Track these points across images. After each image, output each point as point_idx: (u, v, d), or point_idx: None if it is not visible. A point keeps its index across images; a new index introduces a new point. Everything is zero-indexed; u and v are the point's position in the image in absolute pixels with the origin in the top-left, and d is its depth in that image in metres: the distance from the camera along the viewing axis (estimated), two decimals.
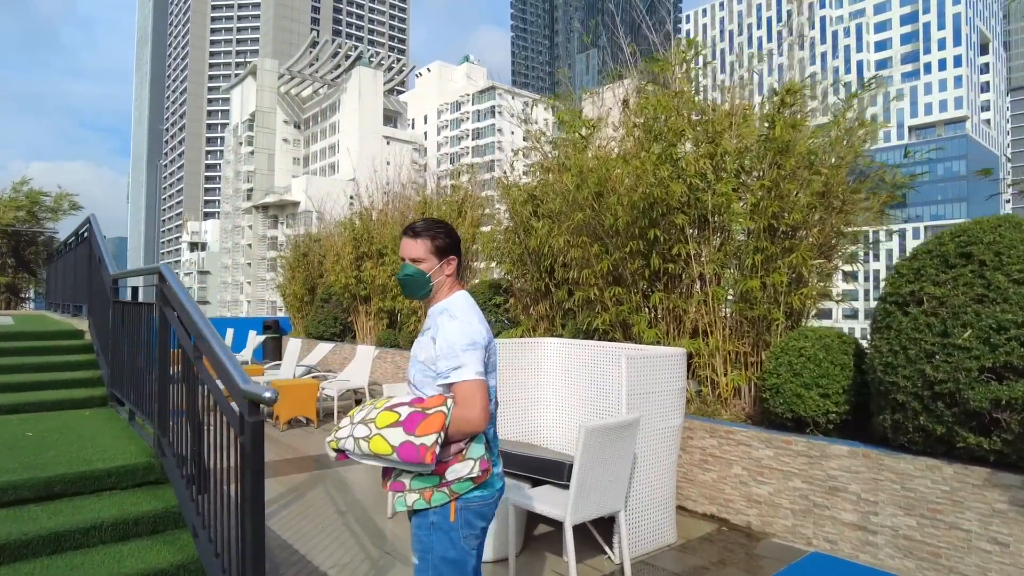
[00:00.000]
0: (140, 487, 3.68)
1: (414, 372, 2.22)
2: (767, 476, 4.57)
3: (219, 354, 2.77)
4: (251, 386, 2.47)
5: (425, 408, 2.03)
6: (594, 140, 5.93)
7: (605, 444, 3.47)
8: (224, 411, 2.71)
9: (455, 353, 2.06)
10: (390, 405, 2.09)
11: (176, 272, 4.75)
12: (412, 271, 2.20)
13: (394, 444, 1.99)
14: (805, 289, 4.99)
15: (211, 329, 2.99)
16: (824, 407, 4.35)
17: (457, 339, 2.07)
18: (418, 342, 2.22)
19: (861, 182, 5.10)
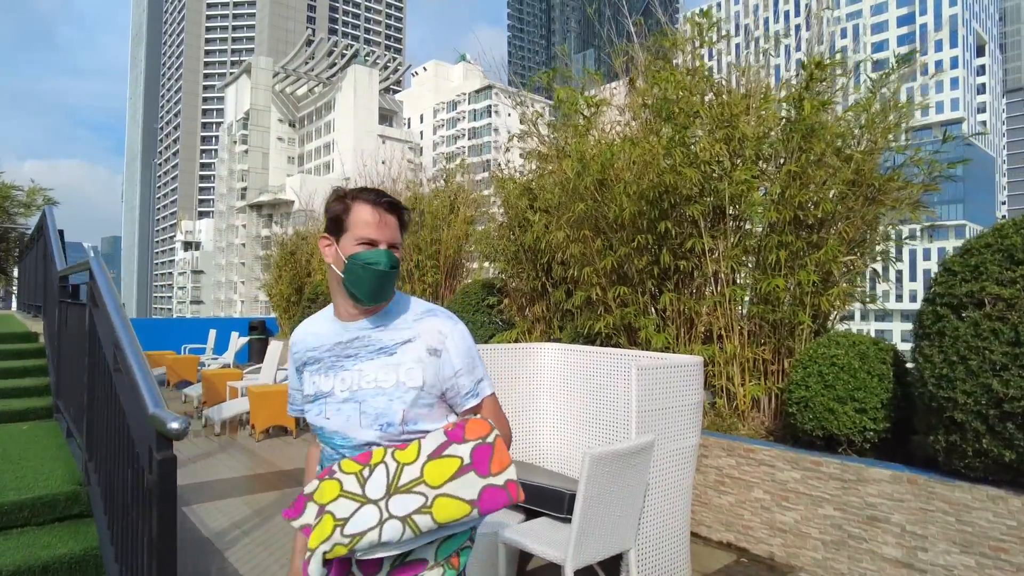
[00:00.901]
0: (61, 522, 3.11)
1: (399, 406, 1.54)
2: (793, 501, 4.02)
3: (132, 366, 2.21)
4: (160, 411, 1.91)
5: (482, 437, 1.52)
6: (597, 123, 5.37)
7: (614, 474, 2.92)
8: (136, 440, 2.15)
9: (476, 362, 1.64)
10: (432, 451, 1.51)
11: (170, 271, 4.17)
12: (396, 263, 1.56)
13: (473, 497, 1.44)
14: (835, 289, 4.44)
15: (130, 334, 2.42)
16: (860, 423, 3.80)
17: (472, 344, 1.65)
18: (384, 365, 1.56)
19: (895, 170, 4.56)
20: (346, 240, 1.53)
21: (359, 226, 1.52)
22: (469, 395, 1.62)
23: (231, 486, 5.57)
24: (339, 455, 1.58)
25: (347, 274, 1.52)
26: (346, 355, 1.57)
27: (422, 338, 1.57)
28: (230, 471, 6.10)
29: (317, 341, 1.63)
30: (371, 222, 1.52)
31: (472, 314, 9.21)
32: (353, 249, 1.51)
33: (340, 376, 1.56)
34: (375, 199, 1.55)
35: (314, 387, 1.60)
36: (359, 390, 1.54)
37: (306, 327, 1.69)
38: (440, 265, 10.77)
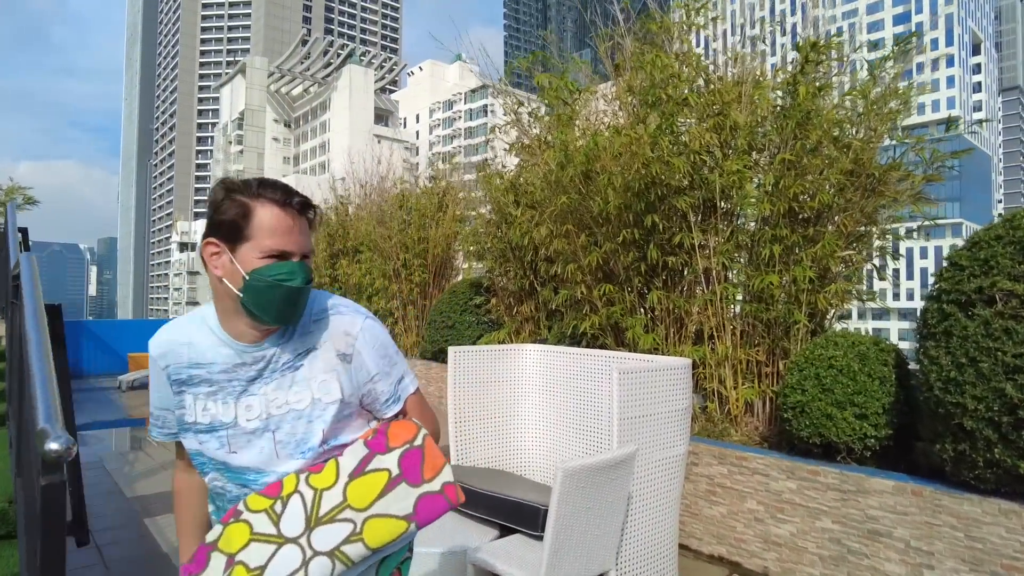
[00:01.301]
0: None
1: (319, 426, 1.34)
2: (789, 513, 3.76)
3: (33, 370, 1.93)
4: (48, 426, 1.63)
5: (408, 441, 1.36)
6: (581, 112, 5.09)
7: (591, 489, 2.65)
8: (33, 459, 1.87)
9: (394, 358, 1.45)
10: (353, 468, 1.32)
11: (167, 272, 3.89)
12: (311, 276, 1.32)
13: (408, 511, 1.30)
14: (832, 286, 4.17)
15: (41, 335, 2.15)
16: (861, 430, 3.53)
17: (387, 338, 1.45)
18: (293, 383, 1.34)
19: (895, 160, 4.30)
20: (247, 251, 1.24)
21: (267, 235, 1.23)
22: (390, 401, 1.43)
23: None
24: (246, 493, 1.33)
25: (248, 293, 1.23)
26: (249, 378, 1.33)
27: (328, 343, 1.36)
28: None
29: (201, 357, 1.34)
30: (282, 229, 1.24)
31: (460, 314, 8.94)
32: (257, 263, 1.23)
33: (245, 403, 1.33)
34: (284, 199, 1.26)
35: (207, 415, 1.33)
36: (271, 417, 1.33)
37: (175, 336, 1.37)
38: (428, 264, 10.50)
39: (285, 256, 1.24)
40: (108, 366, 12.94)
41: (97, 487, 5.53)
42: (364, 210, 11.94)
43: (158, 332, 1.38)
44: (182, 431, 1.37)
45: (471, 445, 4.07)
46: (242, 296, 1.24)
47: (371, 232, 10.94)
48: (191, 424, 1.34)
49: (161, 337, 1.37)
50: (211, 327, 1.34)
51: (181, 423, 1.36)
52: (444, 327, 9.00)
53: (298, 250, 1.26)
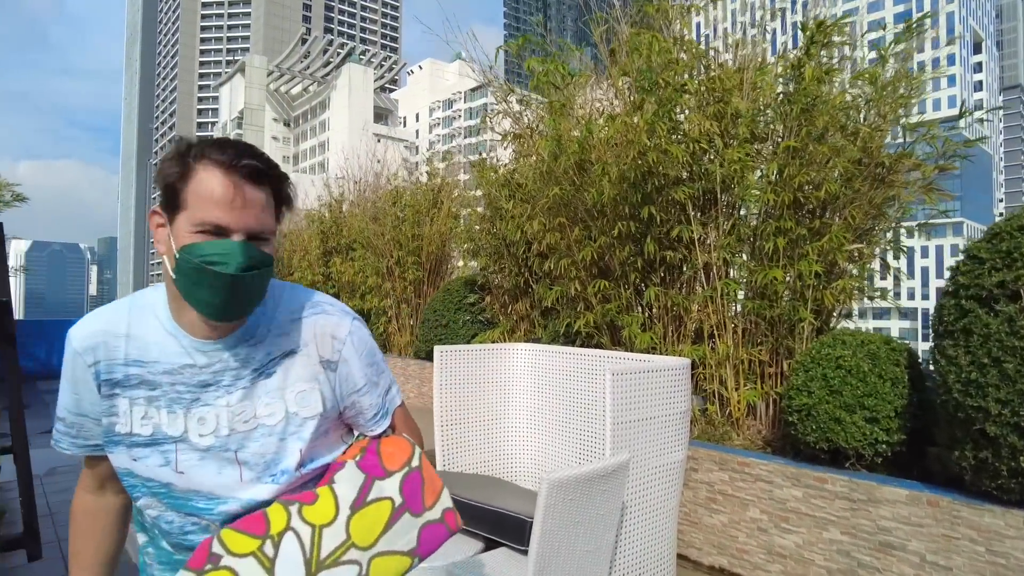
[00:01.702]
0: None
1: (296, 444, 1.12)
2: (794, 523, 3.53)
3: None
4: None
5: (407, 462, 1.17)
6: (574, 98, 4.85)
7: (580, 501, 2.42)
8: None
9: (381, 367, 1.24)
10: (354, 499, 1.11)
11: None
12: (260, 261, 1.02)
13: (412, 545, 1.12)
14: (840, 282, 3.94)
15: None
16: (871, 435, 3.31)
17: (374, 344, 1.24)
18: (265, 393, 1.11)
19: (905, 149, 4.06)
20: (181, 222, 0.99)
21: (200, 203, 0.98)
22: (379, 416, 1.23)
23: None
24: (195, 524, 1.10)
25: (178, 275, 0.99)
26: (201, 383, 1.07)
27: (310, 347, 1.13)
28: None
29: (142, 353, 1.08)
30: (219, 197, 0.97)
31: (454, 312, 8.72)
32: (188, 238, 0.98)
33: (196, 414, 1.07)
34: (230, 160, 0.99)
35: (148, 424, 1.07)
36: (233, 433, 1.08)
37: (110, 326, 1.09)
38: (422, 262, 10.27)
39: (222, 233, 0.97)
40: None
41: (71, 492, 5.29)
42: (358, 207, 11.71)
43: (85, 319, 1.09)
44: (109, 444, 1.09)
45: (458, 450, 3.84)
46: (175, 278, 1.00)
47: (364, 229, 10.71)
48: (124, 436, 1.07)
49: (90, 326, 1.08)
50: (158, 316, 1.08)
51: (109, 433, 1.09)
52: (438, 326, 8.79)
53: (238, 226, 0.98)
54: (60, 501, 5.01)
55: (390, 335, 10.48)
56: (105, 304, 1.14)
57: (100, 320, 1.09)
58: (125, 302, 1.12)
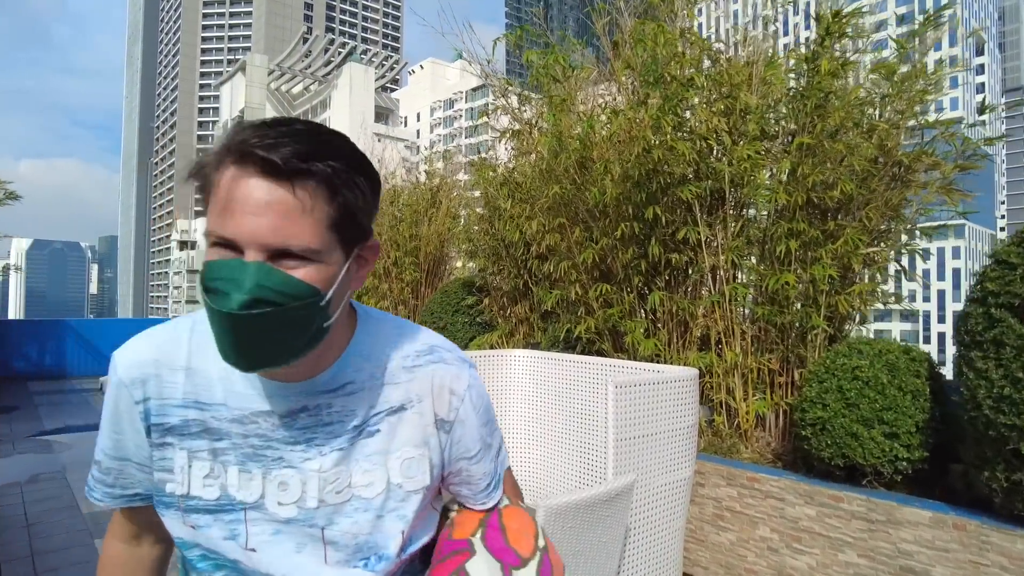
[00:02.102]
0: None
1: (398, 525, 0.90)
2: (807, 543, 3.33)
3: None
4: None
5: (534, 543, 0.96)
6: (574, 92, 4.64)
7: (579, 529, 2.21)
8: None
9: (494, 426, 1.03)
10: None
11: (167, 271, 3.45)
12: (284, 294, 0.72)
13: None
14: (856, 287, 3.73)
15: None
16: (891, 451, 3.10)
17: (490, 402, 1.03)
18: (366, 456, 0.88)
19: (923, 147, 3.86)
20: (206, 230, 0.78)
21: (216, 208, 0.73)
22: (492, 487, 1.01)
23: None
24: None
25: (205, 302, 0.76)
26: (286, 439, 0.84)
27: (425, 403, 0.91)
28: None
29: (206, 393, 0.84)
30: (232, 200, 0.71)
31: (452, 315, 8.52)
32: (206, 253, 0.77)
33: (277, 477, 0.84)
34: (243, 145, 0.72)
35: (213, 485, 0.84)
36: (323, 506, 0.85)
37: (164, 354, 0.85)
38: (420, 263, 10.08)
39: (232, 247, 0.71)
40: (92, 367, 12.55)
41: (52, 501, 5.12)
42: None
43: (135, 342, 0.86)
44: (160, 505, 0.87)
45: None
46: None
47: None
48: (180, 498, 0.84)
49: (140, 352, 0.84)
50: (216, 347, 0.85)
51: (159, 492, 0.86)
52: (436, 328, 8.56)
53: (247, 239, 0.70)
54: (40, 512, 4.82)
55: None
56: (105, 302, 0.92)
57: (152, 346, 0.85)
58: (185, 324, 0.87)
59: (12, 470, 5.82)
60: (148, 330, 0.87)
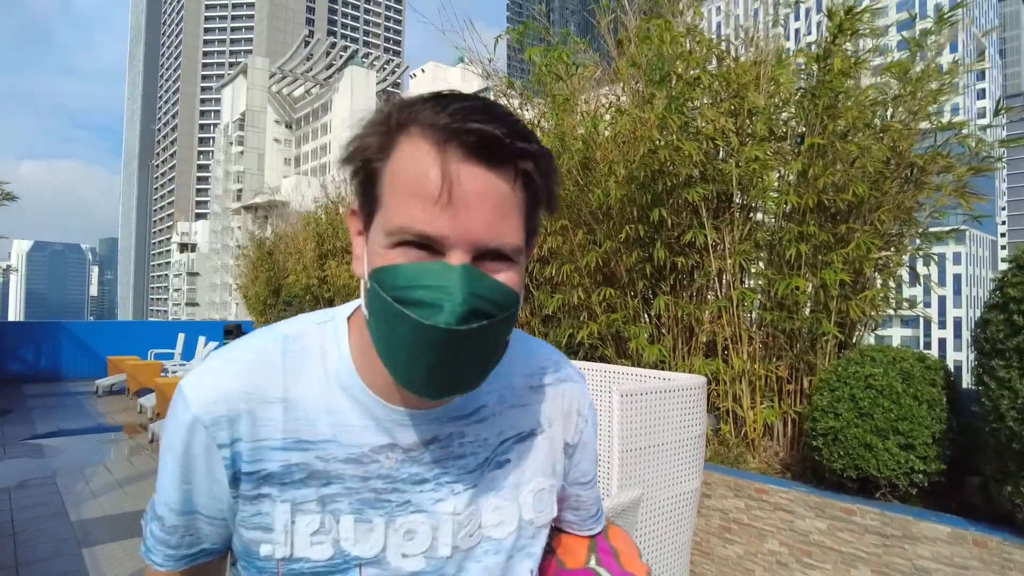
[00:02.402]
0: None
1: (527, 565, 0.78)
2: (818, 558, 3.20)
3: None
4: None
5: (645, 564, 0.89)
6: (579, 93, 4.53)
7: None
8: None
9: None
10: None
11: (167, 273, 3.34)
12: (499, 296, 0.59)
13: None
14: (868, 292, 3.62)
15: None
16: (907, 463, 2.98)
17: None
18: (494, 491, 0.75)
19: (937, 149, 3.75)
20: (376, 227, 0.62)
21: (397, 197, 0.60)
22: (599, 512, 0.93)
23: None
24: None
25: (369, 314, 0.63)
26: (413, 477, 0.71)
27: (555, 426, 0.81)
28: None
29: (310, 430, 0.68)
30: (423, 187, 0.58)
31: None
32: (380, 256, 0.61)
33: (403, 524, 0.70)
34: (448, 123, 0.58)
35: (323, 543, 0.68)
36: (455, 552, 0.72)
37: (248, 381, 0.68)
38: None
39: (430, 248, 0.58)
40: (87, 370, 12.43)
41: (41, 508, 5.00)
42: None
43: (211, 370, 0.68)
44: (253, 569, 0.70)
45: None
46: (367, 318, 0.64)
47: None
48: (281, 561, 0.68)
49: (223, 382, 0.67)
50: (333, 367, 0.70)
51: (250, 555, 0.70)
52: None
53: (458, 238, 0.58)
54: (27, 519, 4.70)
55: None
56: (105, 304, 0.77)
57: (239, 374, 0.67)
58: (272, 344, 0.70)
59: (1, 475, 5.70)
60: (223, 352, 0.69)
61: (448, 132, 0.57)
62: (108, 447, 7.25)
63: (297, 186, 54.67)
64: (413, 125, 0.60)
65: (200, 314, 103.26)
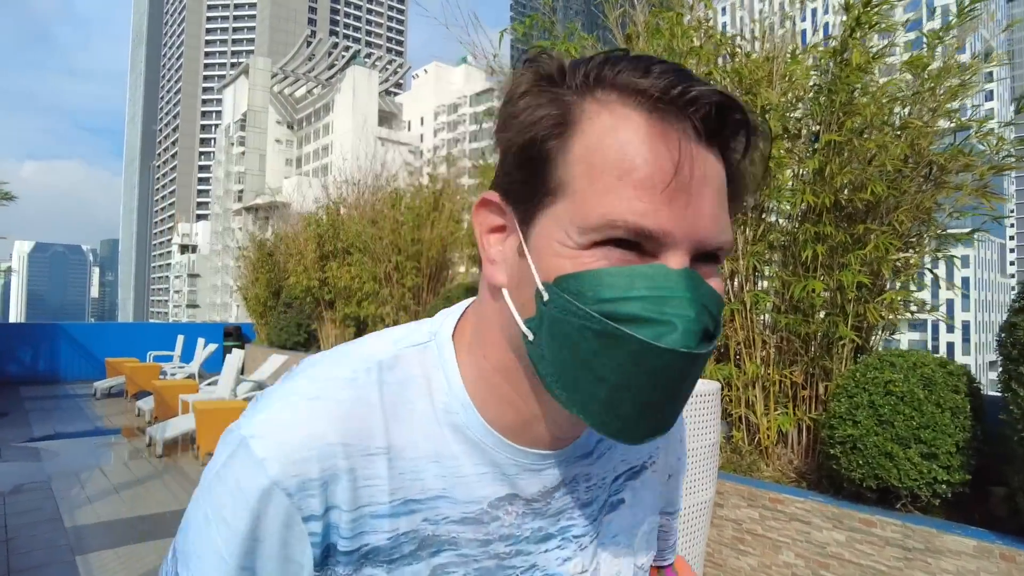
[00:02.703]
0: None
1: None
2: (836, 571, 3.09)
3: None
4: None
5: None
6: None
7: None
8: None
9: None
10: None
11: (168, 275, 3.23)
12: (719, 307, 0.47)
13: None
14: (887, 295, 3.50)
15: None
16: (929, 473, 2.86)
17: None
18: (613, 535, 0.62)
19: (956, 147, 3.64)
20: (551, 221, 0.46)
21: (602, 182, 0.44)
22: (675, 543, 0.85)
23: (150, 525, 4.65)
24: None
25: (545, 339, 0.47)
26: (536, 535, 0.58)
27: (659, 457, 0.70)
28: (158, 505, 5.17)
29: (410, 484, 0.52)
30: (647, 171, 0.43)
31: None
32: (570, 259, 0.45)
33: None
34: (666, 88, 0.44)
35: None
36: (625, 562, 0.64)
37: (342, 426, 0.50)
38: (422, 267, 9.88)
39: (636, 247, 0.45)
40: (86, 372, 12.34)
41: (35, 514, 4.90)
42: (356, 210, 11.33)
43: (289, 413, 0.50)
44: None
45: None
46: (531, 343, 0.48)
47: (362, 233, 10.32)
48: None
49: (309, 433, 0.49)
50: (441, 401, 0.55)
51: None
52: None
53: (684, 234, 0.44)
54: (20, 524, 4.59)
55: None
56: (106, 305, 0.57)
57: (331, 417, 0.50)
58: (366, 370, 0.54)
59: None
60: (297, 387, 0.52)
61: (664, 99, 0.44)
62: (105, 451, 7.16)
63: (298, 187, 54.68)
64: (609, 90, 0.46)
65: (201, 316, 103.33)
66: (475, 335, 0.55)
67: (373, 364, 0.54)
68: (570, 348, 0.45)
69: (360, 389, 0.52)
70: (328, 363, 0.54)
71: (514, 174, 0.49)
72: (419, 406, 0.53)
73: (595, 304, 0.43)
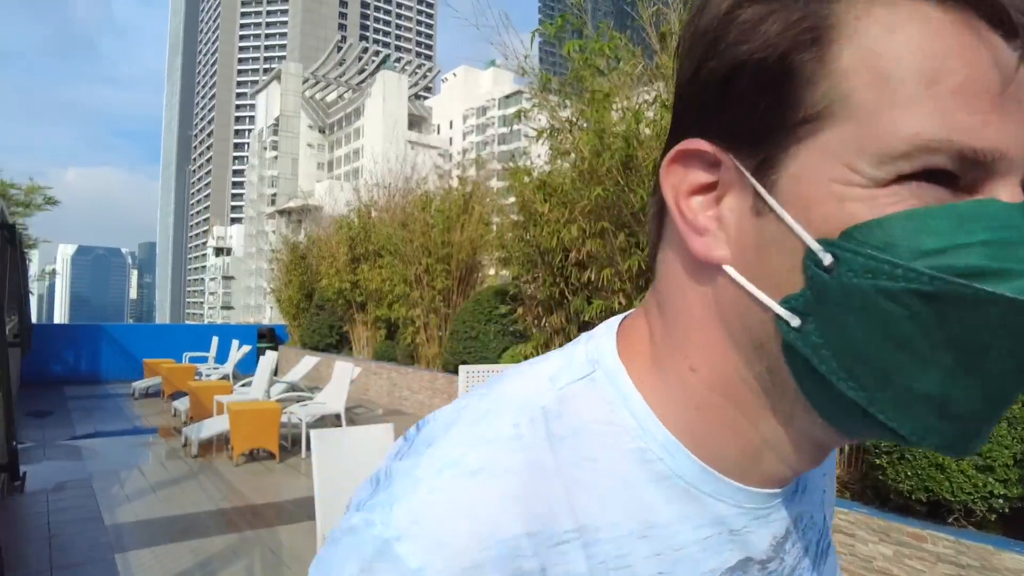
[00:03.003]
0: None
1: None
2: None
3: None
4: None
5: None
6: (619, 90, 4.35)
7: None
8: None
9: None
10: None
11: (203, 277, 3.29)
12: None
13: None
14: None
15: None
16: (985, 487, 2.74)
17: None
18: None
19: None
20: (811, 157, 0.32)
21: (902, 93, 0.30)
22: None
23: (186, 525, 4.71)
24: None
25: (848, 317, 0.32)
26: None
27: (830, 487, 0.54)
28: (193, 505, 5.24)
29: (620, 571, 0.36)
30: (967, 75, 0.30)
31: (484, 324, 8.31)
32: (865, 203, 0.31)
33: None
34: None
35: None
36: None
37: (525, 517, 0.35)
38: (452, 270, 9.88)
39: (969, 177, 0.31)
40: (125, 372, 12.64)
41: (77, 512, 5.00)
42: (387, 212, 11.41)
43: (435, 490, 0.35)
44: None
45: None
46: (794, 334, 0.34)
47: (393, 235, 10.38)
48: None
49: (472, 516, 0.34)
50: (637, 448, 0.39)
51: None
52: (467, 338, 8.37)
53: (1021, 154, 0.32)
54: (62, 522, 4.69)
55: (418, 346, 10.10)
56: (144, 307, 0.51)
57: (505, 497, 0.35)
58: (530, 422, 0.38)
59: (40, 477, 5.74)
60: (445, 452, 0.37)
61: None
62: (143, 450, 7.31)
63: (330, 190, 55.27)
64: None
65: (235, 317, 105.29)
66: (667, 346, 0.41)
67: (537, 412, 0.39)
68: (880, 325, 0.32)
69: (530, 451, 0.37)
70: (476, 415, 0.40)
71: (742, 104, 0.35)
72: (604, 463, 0.39)
73: (919, 258, 0.31)
